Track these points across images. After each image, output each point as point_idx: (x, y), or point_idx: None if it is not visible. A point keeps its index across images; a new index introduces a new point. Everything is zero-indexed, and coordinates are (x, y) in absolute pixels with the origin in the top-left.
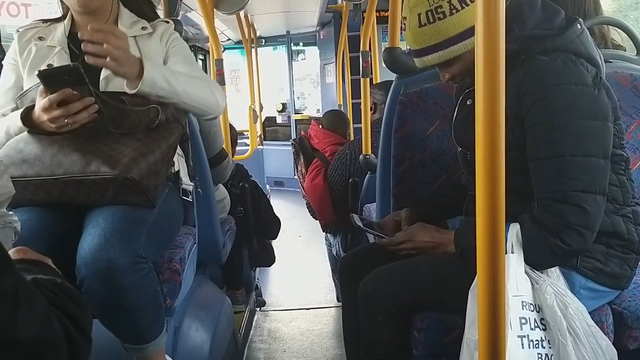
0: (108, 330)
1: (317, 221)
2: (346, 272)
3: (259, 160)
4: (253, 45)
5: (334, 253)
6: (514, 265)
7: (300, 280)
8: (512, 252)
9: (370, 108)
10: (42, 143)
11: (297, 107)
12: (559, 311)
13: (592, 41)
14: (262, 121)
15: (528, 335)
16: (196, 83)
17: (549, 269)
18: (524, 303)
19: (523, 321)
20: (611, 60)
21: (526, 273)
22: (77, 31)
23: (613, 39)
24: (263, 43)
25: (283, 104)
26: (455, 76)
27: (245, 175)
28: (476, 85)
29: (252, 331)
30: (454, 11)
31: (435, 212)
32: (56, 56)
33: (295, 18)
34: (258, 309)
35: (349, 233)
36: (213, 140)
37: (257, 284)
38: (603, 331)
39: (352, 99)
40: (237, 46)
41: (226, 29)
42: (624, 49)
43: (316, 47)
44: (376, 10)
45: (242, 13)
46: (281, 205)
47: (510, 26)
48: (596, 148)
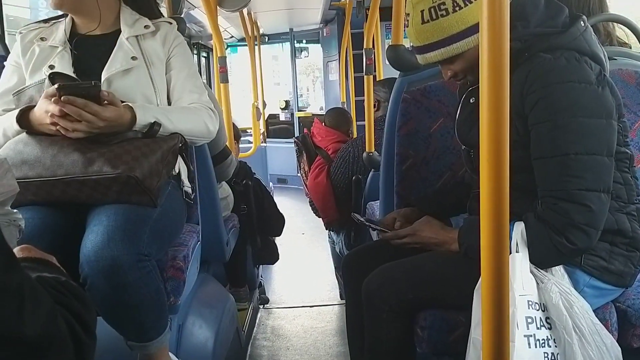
0: (112, 327)
1: (320, 219)
2: (350, 270)
3: (262, 157)
4: (256, 42)
5: (338, 251)
6: (520, 264)
7: (303, 277)
8: (517, 252)
9: (373, 105)
10: (42, 144)
11: (301, 105)
12: (565, 310)
13: (596, 39)
14: (265, 118)
15: (534, 334)
16: (188, 117)
17: (553, 268)
18: (530, 302)
19: (529, 320)
20: (616, 57)
21: (531, 272)
22: (78, 31)
23: (618, 37)
24: (266, 40)
25: (286, 102)
26: (457, 73)
27: (248, 172)
28: (480, 83)
29: (256, 329)
30: (457, 8)
31: (438, 210)
32: (57, 57)
33: (298, 15)
34: (261, 307)
35: (353, 231)
36: (216, 138)
37: (261, 282)
38: (607, 329)
39: (356, 97)
40: (240, 43)
41: (229, 27)
42: (630, 47)
43: (319, 45)
44: (379, 7)
45: (246, 10)
46: (284, 202)
47: (513, 24)
48: (600, 146)
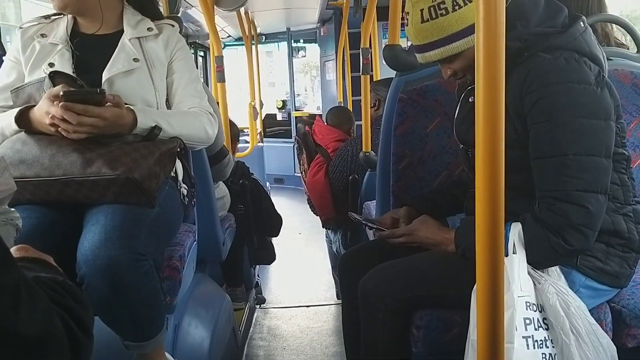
0: (108, 327)
1: (317, 218)
2: (346, 270)
3: (260, 157)
4: (253, 42)
5: (334, 250)
6: (517, 265)
7: (300, 277)
8: (515, 253)
9: (373, 105)
10: (41, 143)
11: (297, 105)
12: (562, 310)
13: (595, 39)
14: (262, 118)
15: (533, 335)
16: (188, 122)
17: (550, 268)
18: (528, 303)
19: (527, 322)
20: (612, 57)
21: (528, 273)
22: (79, 29)
23: (616, 38)
24: (263, 40)
25: (283, 101)
26: (456, 72)
27: (245, 172)
28: (476, 83)
29: (252, 328)
30: (457, 7)
31: (435, 210)
32: (58, 55)
33: (295, 15)
34: (258, 307)
35: (349, 230)
36: None
37: (257, 282)
38: (602, 329)
39: (353, 96)
40: (238, 43)
41: (226, 26)
42: (627, 48)
43: (316, 44)
44: (376, 6)
45: (243, 10)
46: (281, 202)
47: (513, 23)
48: (599, 147)
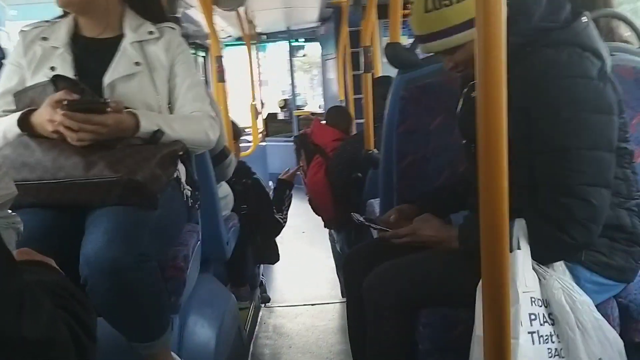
0: (114, 328)
1: (320, 217)
2: (350, 268)
3: (262, 156)
4: (253, 41)
5: (338, 249)
6: (522, 261)
7: (304, 276)
8: (519, 248)
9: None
10: (43, 146)
11: (299, 104)
12: (567, 305)
13: (598, 34)
14: (264, 117)
15: (538, 330)
16: (190, 126)
17: (554, 264)
18: (533, 299)
19: (533, 317)
20: (614, 52)
21: (533, 269)
22: (80, 32)
23: (620, 34)
24: (264, 39)
25: (285, 100)
26: (458, 65)
27: (248, 172)
28: (477, 77)
29: (258, 327)
30: None
31: (438, 208)
32: (59, 58)
33: (295, 14)
34: (263, 305)
35: (353, 229)
36: None
37: (262, 280)
38: (609, 324)
39: (354, 95)
40: (238, 42)
41: (226, 26)
42: (632, 44)
43: (317, 43)
44: (377, 4)
45: (242, 9)
46: None
47: (515, 19)
48: (602, 141)
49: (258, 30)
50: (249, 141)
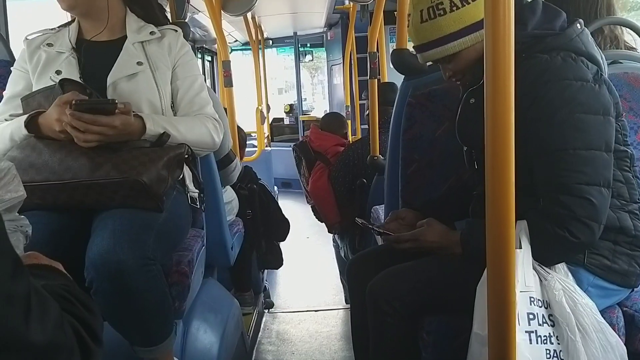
0: (117, 332)
1: (323, 223)
2: (354, 274)
3: (267, 161)
4: (260, 46)
5: (342, 255)
6: (522, 260)
7: (308, 281)
8: (520, 248)
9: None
10: (50, 148)
11: (305, 109)
12: (568, 307)
13: (593, 41)
14: (270, 122)
15: (536, 330)
16: (195, 128)
17: (557, 265)
18: (532, 299)
19: (531, 317)
20: (621, 60)
21: (534, 269)
22: (84, 37)
23: (626, 41)
24: (271, 44)
25: (290, 105)
26: (455, 73)
27: (253, 177)
28: (485, 83)
29: (261, 333)
30: (454, 8)
31: (443, 214)
32: (64, 62)
33: (302, 19)
34: (266, 311)
35: (357, 235)
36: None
37: (266, 286)
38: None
39: (360, 100)
40: (245, 47)
41: (233, 31)
42: (637, 50)
43: (323, 49)
44: (383, 10)
45: (250, 14)
46: (289, 206)
47: None
48: (598, 141)
49: (265, 35)
50: (254, 146)
